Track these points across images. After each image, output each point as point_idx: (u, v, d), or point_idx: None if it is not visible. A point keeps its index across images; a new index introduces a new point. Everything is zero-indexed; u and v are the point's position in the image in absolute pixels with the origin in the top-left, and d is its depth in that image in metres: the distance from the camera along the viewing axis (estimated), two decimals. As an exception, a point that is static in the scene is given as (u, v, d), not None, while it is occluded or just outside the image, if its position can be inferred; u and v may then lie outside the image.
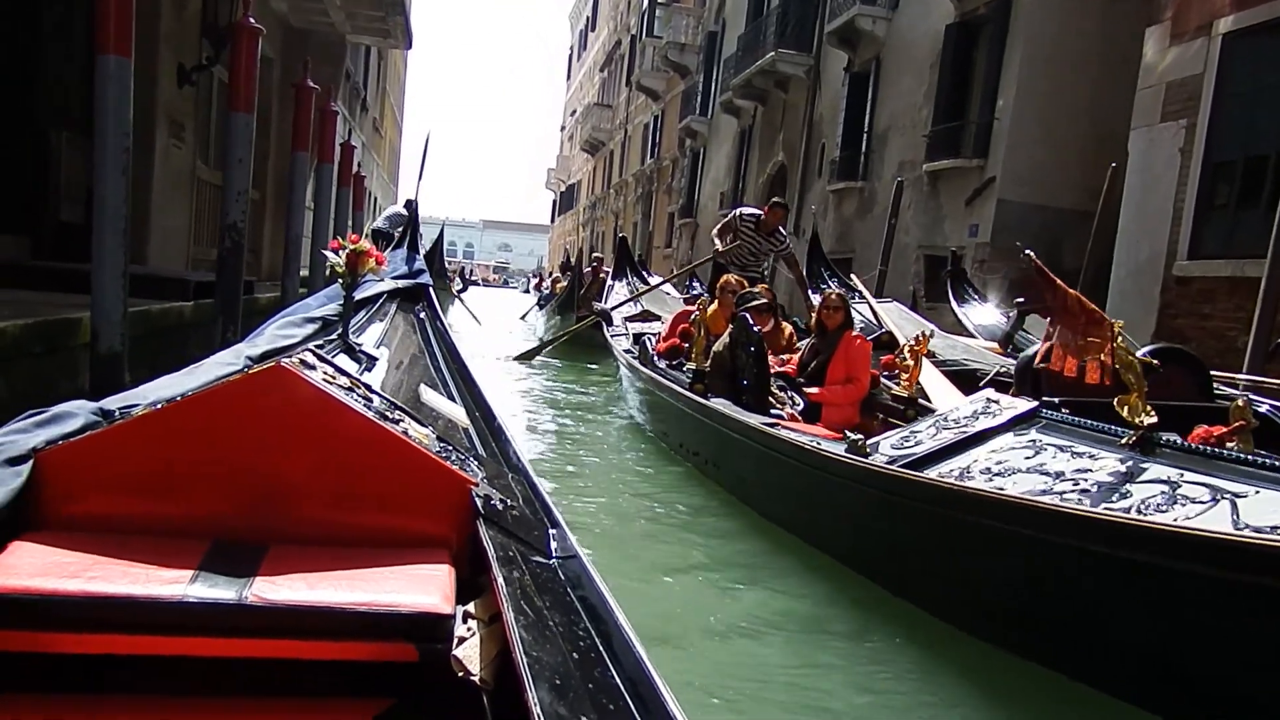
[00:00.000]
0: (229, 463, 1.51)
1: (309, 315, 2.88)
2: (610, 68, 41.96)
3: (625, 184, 35.92)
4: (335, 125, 9.13)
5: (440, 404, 2.38)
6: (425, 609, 1.33)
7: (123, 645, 1.26)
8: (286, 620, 1.29)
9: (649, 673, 1.19)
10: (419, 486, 1.59)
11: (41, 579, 1.25)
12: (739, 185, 21.45)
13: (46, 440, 1.47)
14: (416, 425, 1.76)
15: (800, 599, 3.33)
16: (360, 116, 22.55)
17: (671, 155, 28.66)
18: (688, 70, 26.71)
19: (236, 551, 1.42)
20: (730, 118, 22.25)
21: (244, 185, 5.74)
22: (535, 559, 1.55)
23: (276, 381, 1.53)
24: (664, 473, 5.26)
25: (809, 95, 17.62)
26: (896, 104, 14.12)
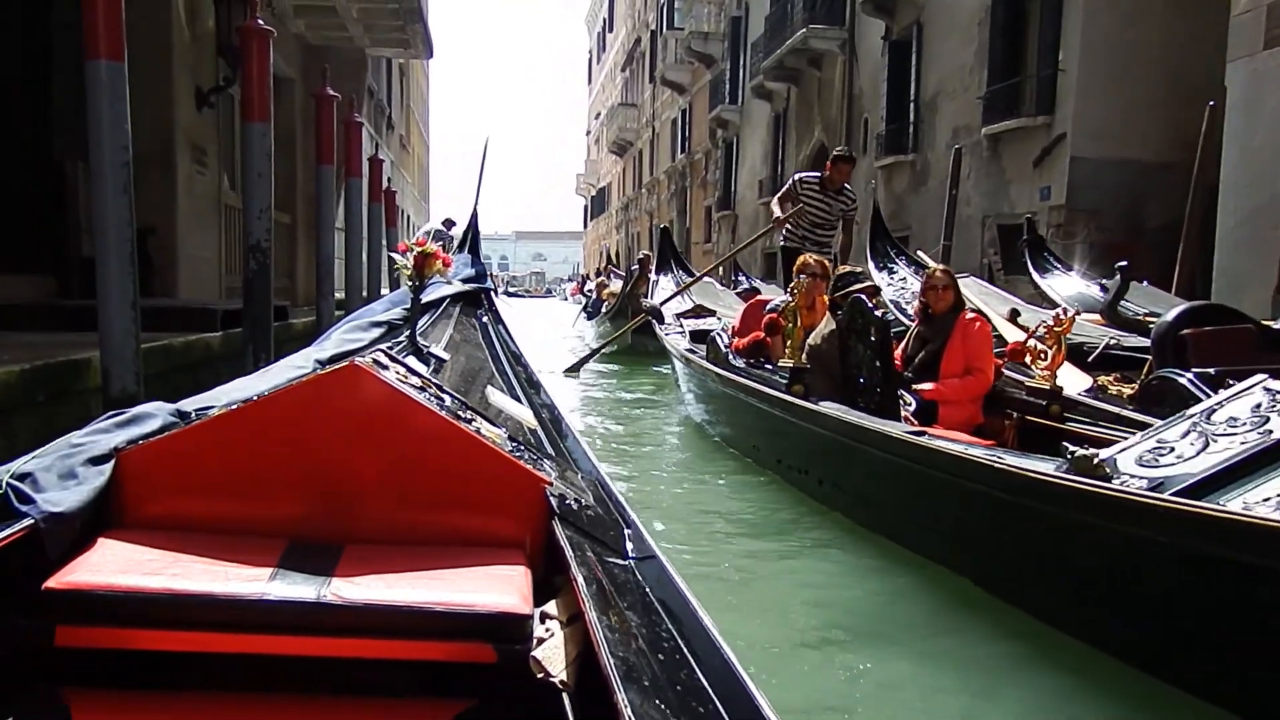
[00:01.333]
0: (304, 462, 1.51)
1: (375, 319, 2.86)
2: (632, 66, 41.44)
3: (657, 182, 35.33)
4: (360, 137, 8.64)
5: (508, 405, 2.34)
6: (504, 609, 1.31)
7: (204, 643, 1.27)
8: (365, 619, 1.28)
9: (739, 675, 1.14)
10: (493, 485, 1.57)
11: (125, 576, 1.27)
12: (777, 171, 20.73)
13: (127, 440, 1.49)
14: (488, 424, 1.74)
15: (1014, 685, 2.45)
16: (387, 134, 22.23)
17: (703, 148, 28.01)
18: (713, 59, 26.04)
19: (313, 550, 1.42)
20: (762, 103, 21.56)
21: (266, 202, 5.23)
22: (612, 559, 1.51)
23: (351, 380, 1.52)
24: (753, 490, 4.52)
25: (845, 70, 16.90)
26: (944, 68, 13.36)
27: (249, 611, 1.26)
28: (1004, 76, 11.73)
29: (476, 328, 3.59)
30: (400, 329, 2.81)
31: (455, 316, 3.53)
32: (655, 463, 5.57)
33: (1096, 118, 10.35)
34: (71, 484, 1.40)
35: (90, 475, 1.42)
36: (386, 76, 22.39)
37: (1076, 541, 2.58)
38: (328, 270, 7.16)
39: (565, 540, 1.46)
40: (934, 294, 4.28)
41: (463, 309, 3.70)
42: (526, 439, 2.03)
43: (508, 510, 1.57)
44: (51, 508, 1.33)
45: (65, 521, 1.34)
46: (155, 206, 7.84)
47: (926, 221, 13.30)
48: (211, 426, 1.52)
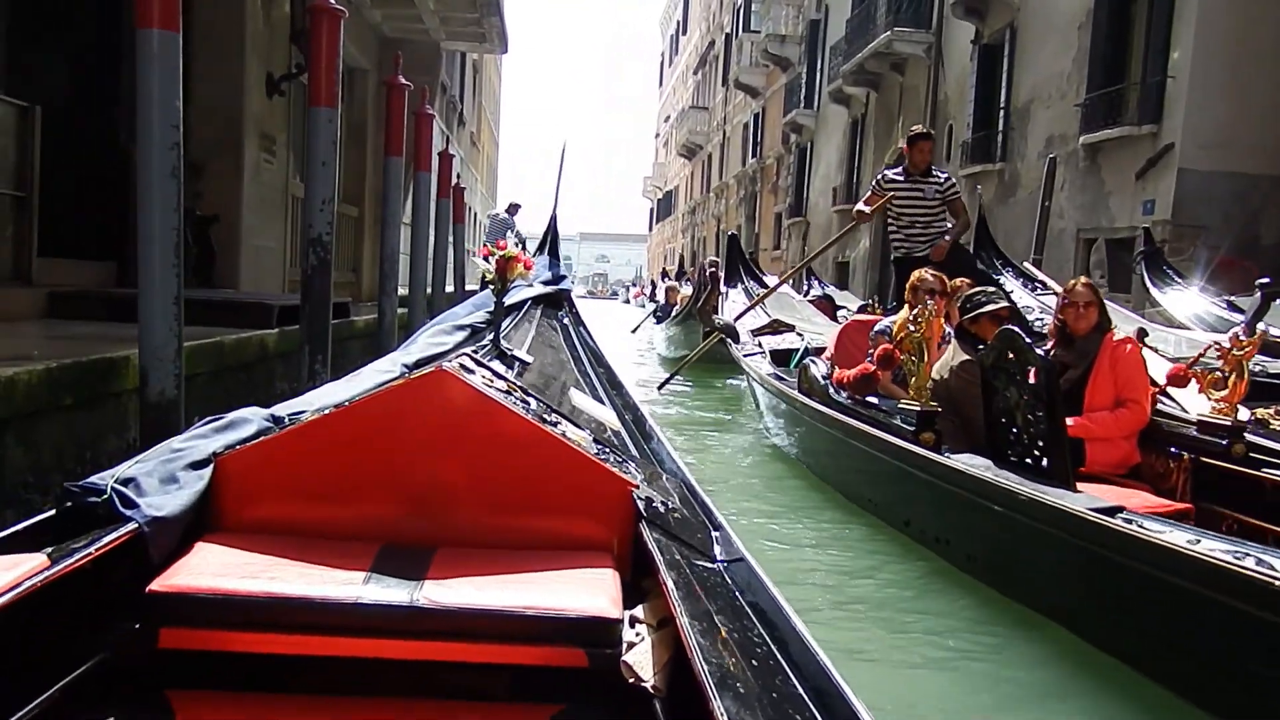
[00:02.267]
0: (394, 466, 1.53)
1: (459, 323, 2.88)
2: (704, 69, 41.02)
3: (726, 186, 34.83)
4: (431, 130, 8.37)
5: (591, 407, 2.32)
6: (595, 613, 1.31)
7: (301, 645, 1.28)
8: (456, 623, 1.28)
9: (837, 683, 1.10)
10: (580, 488, 1.57)
11: (225, 579, 1.29)
12: (853, 178, 20.13)
13: (224, 445, 1.53)
14: (573, 427, 1.73)
15: None
16: (458, 130, 22.14)
17: (775, 153, 27.45)
18: (789, 63, 25.49)
19: (405, 554, 1.44)
20: (840, 108, 20.95)
21: (329, 193, 4.93)
22: (700, 562, 1.49)
23: (438, 385, 1.55)
24: (869, 543, 3.94)
25: (930, 75, 16.25)
26: (1038, 74, 12.68)
27: (344, 615, 1.28)
28: (1106, 83, 11.04)
29: (557, 329, 3.56)
30: (484, 332, 2.83)
31: (537, 319, 3.52)
32: (747, 498, 4.99)
33: (1208, 127, 9.63)
34: (173, 488, 1.43)
35: (190, 480, 1.45)
36: (460, 72, 22.31)
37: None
38: (392, 266, 6.87)
39: (653, 543, 1.45)
40: (1074, 312, 3.65)
41: (544, 311, 3.69)
42: (610, 441, 1.98)
43: (594, 513, 1.57)
44: (154, 511, 1.36)
45: (168, 525, 1.37)
46: (220, 194, 7.68)
47: (1013, 234, 12.61)
48: (304, 431, 1.54)
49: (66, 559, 1.21)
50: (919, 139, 6.24)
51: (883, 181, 6.34)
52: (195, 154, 7.77)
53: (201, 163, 7.73)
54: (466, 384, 1.55)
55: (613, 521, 1.57)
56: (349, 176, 12.20)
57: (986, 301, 3.85)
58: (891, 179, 6.27)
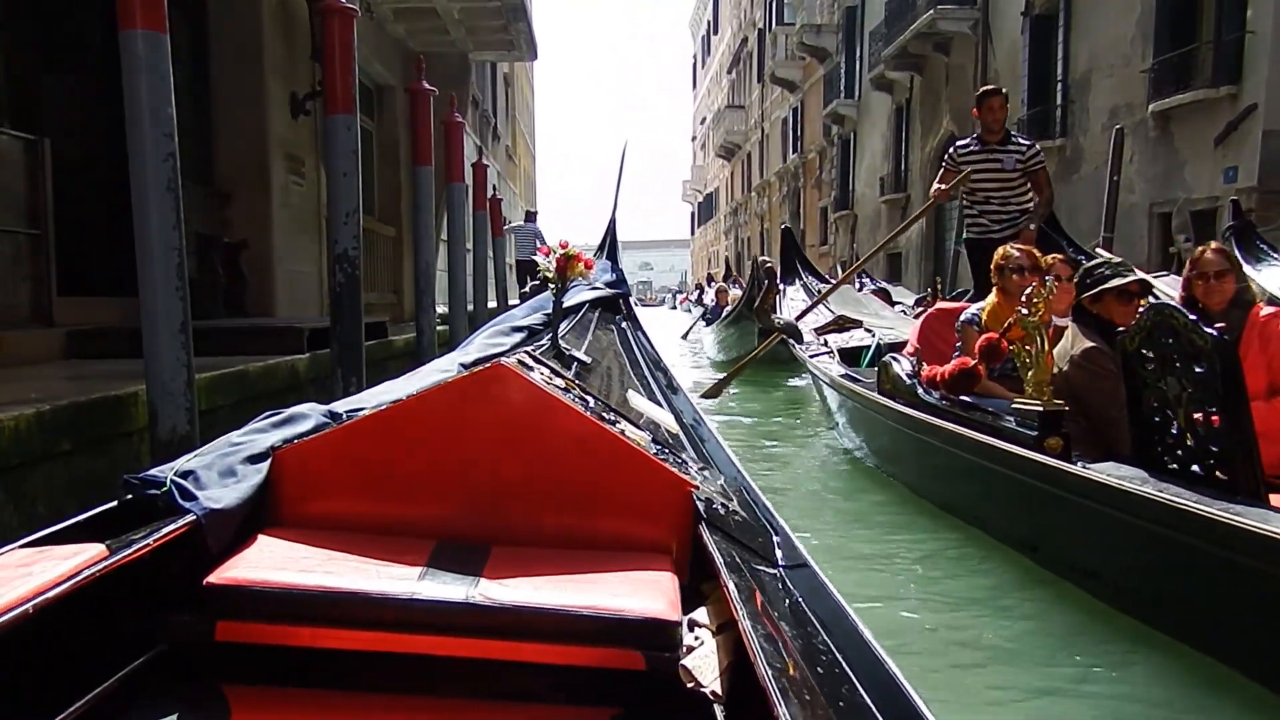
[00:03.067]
0: (451, 462, 1.51)
1: (516, 324, 2.87)
2: (738, 68, 40.52)
3: (768, 184, 34.25)
4: (461, 137, 8.01)
5: (649, 408, 2.29)
6: (654, 615, 1.27)
7: (356, 641, 1.26)
8: (512, 621, 1.26)
9: (908, 694, 1.04)
10: (639, 488, 1.54)
11: (282, 573, 1.28)
12: (901, 165, 19.50)
13: (283, 439, 1.53)
14: (632, 427, 1.72)
15: None
16: (493, 145, 21.90)
17: (817, 146, 26.84)
18: (826, 53, 24.87)
19: (461, 551, 1.42)
20: (882, 94, 20.32)
21: (352, 205, 4.57)
22: (761, 567, 1.45)
23: (497, 380, 1.53)
24: (989, 566, 3.38)
25: (978, 52, 15.59)
26: (1098, 41, 12.00)
27: (401, 611, 1.26)
28: (1175, 45, 10.35)
29: (615, 332, 3.53)
30: (542, 333, 2.81)
31: (595, 321, 3.51)
32: (825, 511, 4.45)
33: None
34: (231, 481, 1.42)
35: (249, 473, 1.45)
36: (491, 86, 22.09)
37: None
38: (427, 281, 6.51)
39: (713, 546, 1.42)
40: (1204, 285, 3.07)
41: (601, 314, 3.67)
42: (669, 442, 1.95)
43: (653, 514, 1.54)
44: (213, 504, 1.35)
45: (226, 518, 1.37)
46: (249, 220, 7.39)
47: (1077, 213, 11.94)
48: (362, 427, 1.53)
49: (125, 549, 1.20)
50: (989, 95, 5.42)
51: (955, 154, 5.57)
52: (221, 181, 7.52)
53: (228, 189, 7.46)
54: (525, 379, 1.53)
55: (672, 523, 1.54)
56: (384, 195, 11.93)
57: (1112, 274, 3.25)
58: (965, 150, 5.51)
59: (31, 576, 1.08)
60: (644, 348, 3.47)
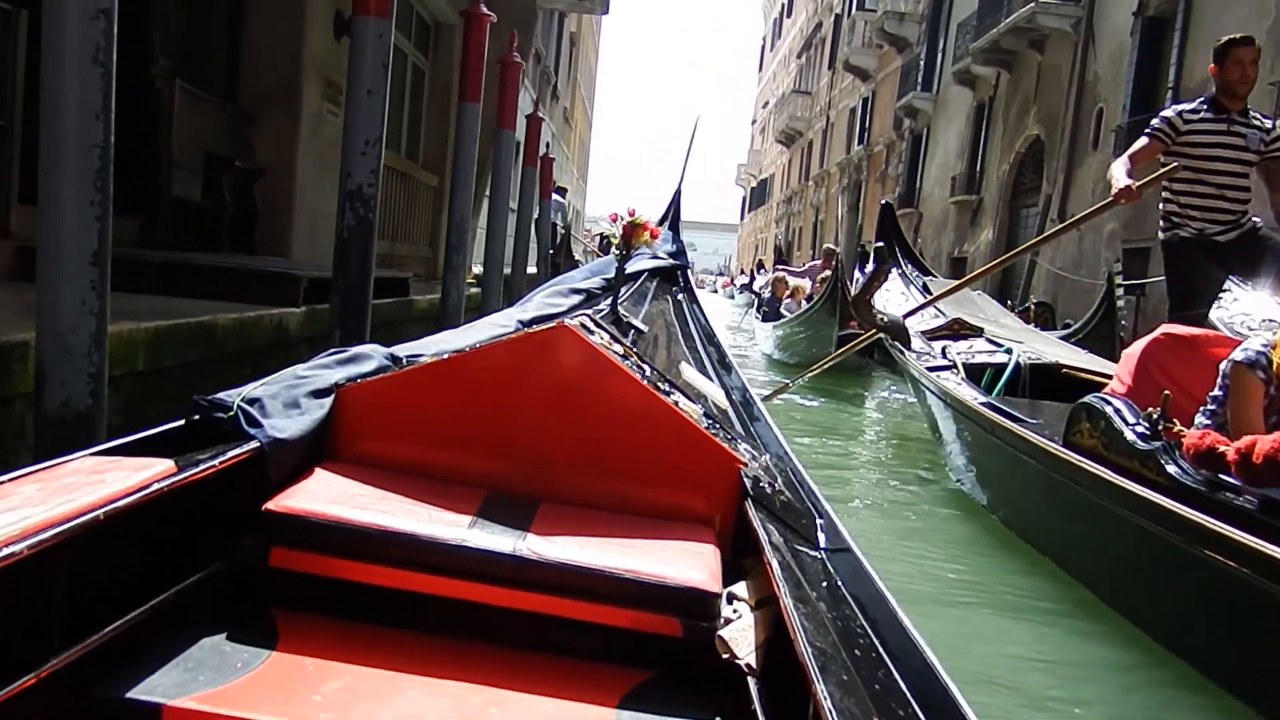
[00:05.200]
0: (507, 416, 1.54)
1: (575, 286, 2.89)
2: (809, 52, 39.25)
3: (827, 174, 33.08)
4: (517, 80, 7.21)
5: (701, 383, 2.30)
6: (694, 584, 1.31)
7: (405, 580, 1.30)
8: (556, 578, 1.29)
9: (943, 680, 1.04)
10: (689, 460, 1.57)
11: (337, 507, 1.32)
12: (976, 167, 18.38)
13: (346, 378, 1.57)
14: (686, 399, 1.73)
15: None
16: (551, 104, 21.06)
17: (885, 139, 25.68)
18: (907, 43, 23.68)
19: (510, 504, 1.46)
20: (964, 89, 19.18)
21: (375, 131, 3.79)
22: (803, 548, 1.47)
23: (559, 340, 1.55)
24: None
25: (1077, 52, 14.46)
26: (1221, 48, 10.90)
27: (449, 556, 1.29)
28: (1314, 57, 9.26)
29: (671, 304, 3.54)
30: (599, 298, 2.83)
31: (653, 290, 3.51)
32: (959, 609, 3.15)
33: None
34: (295, 413, 1.45)
35: (312, 407, 1.48)
36: (556, 43, 21.25)
37: None
38: (460, 236, 5.71)
39: (758, 522, 1.44)
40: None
41: (659, 284, 3.65)
42: (719, 417, 1.94)
43: (701, 486, 1.57)
44: (277, 434, 1.39)
45: (287, 448, 1.40)
46: (273, 146, 6.64)
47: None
48: (424, 373, 1.56)
49: (192, 469, 1.23)
50: (1236, 45, 4.02)
51: (1178, 122, 4.07)
52: (248, 100, 6.78)
53: (254, 110, 6.72)
54: (587, 342, 1.55)
55: (718, 497, 1.56)
56: (431, 141, 11.14)
57: None
58: (1194, 118, 4.07)
59: (104, 485, 1.10)
60: (699, 321, 3.45)
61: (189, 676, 1.13)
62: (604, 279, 2.95)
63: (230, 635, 1.22)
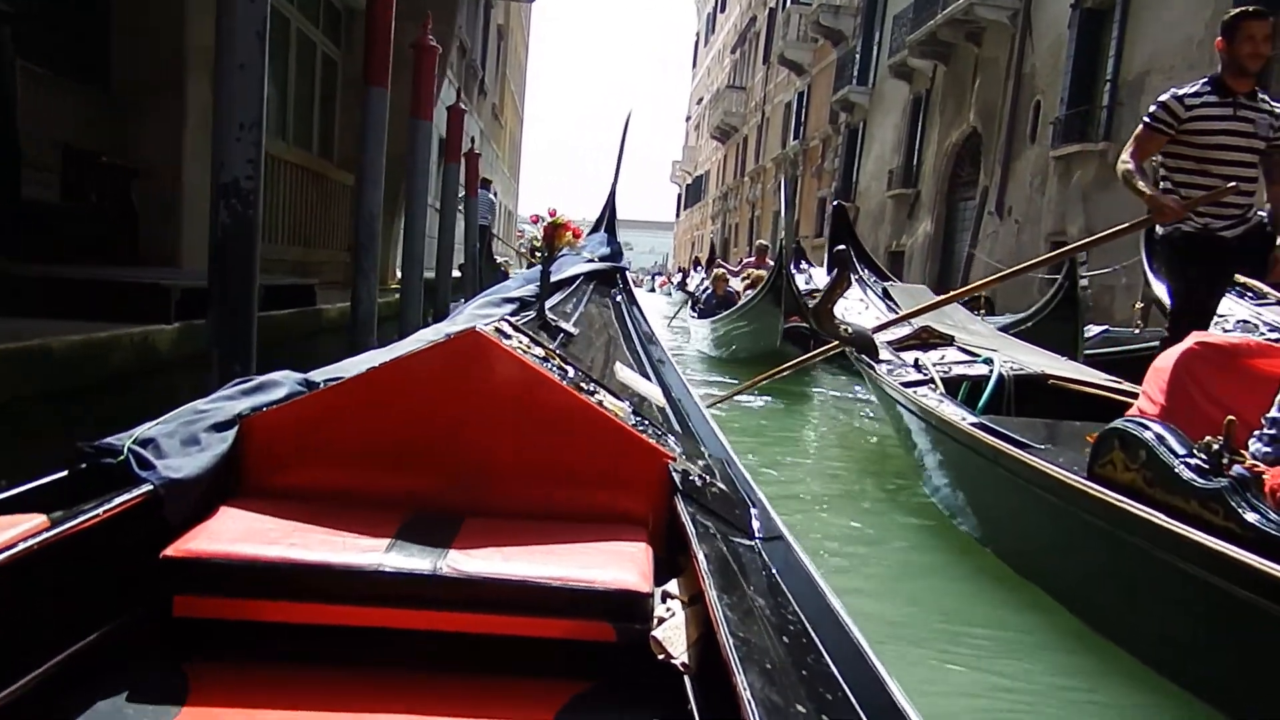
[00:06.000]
0: (425, 431, 1.49)
1: (508, 295, 2.89)
2: (743, 48, 39.08)
3: (763, 170, 32.91)
4: (434, 66, 6.60)
5: (635, 381, 2.30)
6: (624, 586, 1.26)
7: (320, 615, 1.24)
8: (480, 593, 1.25)
9: (871, 662, 1.07)
10: (615, 459, 1.53)
11: (243, 545, 1.25)
12: (913, 160, 18.26)
13: (251, 407, 1.48)
14: (611, 398, 1.71)
15: None
16: (479, 100, 20.36)
17: (821, 134, 25.54)
18: (842, 36, 23.55)
19: (432, 522, 1.40)
20: (900, 83, 19.05)
21: (253, 115, 3.21)
22: (737, 539, 1.45)
23: (472, 347, 1.50)
24: None
25: (1015, 45, 14.33)
26: (1159, 41, 10.79)
27: (366, 583, 1.23)
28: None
29: (609, 306, 3.44)
30: (532, 304, 2.81)
31: (588, 294, 3.44)
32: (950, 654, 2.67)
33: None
34: (194, 450, 1.36)
35: (213, 442, 1.39)
36: (483, 36, 20.55)
37: None
38: (370, 237, 5.12)
39: (687, 517, 1.41)
40: None
41: (596, 287, 3.57)
42: (653, 415, 1.94)
43: (629, 485, 1.53)
44: (173, 474, 1.30)
45: (186, 488, 1.32)
46: (154, 142, 5.92)
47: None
48: (333, 394, 1.50)
49: (75, 519, 1.15)
50: (1248, 18, 3.54)
51: (1178, 108, 3.67)
52: (123, 88, 6.07)
53: (130, 100, 6.00)
54: (501, 347, 1.51)
55: (648, 494, 1.52)
56: (346, 138, 10.41)
57: None
58: (1197, 103, 3.66)
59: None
60: (637, 322, 3.39)
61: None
62: (536, 285, 2.88)
63: (132, 696, 1.14)
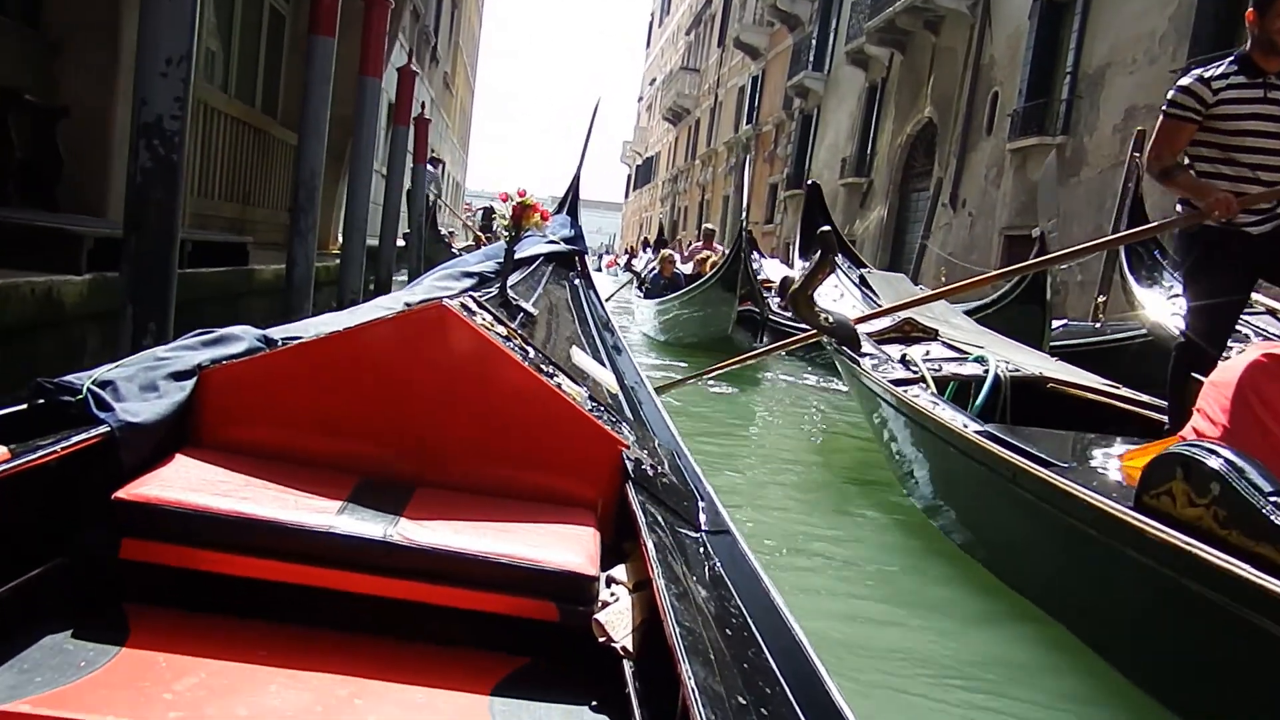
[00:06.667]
0: (382, 399, 1.50)
1: (468, 270, 2.88)
2: (699, 29, 38.75)
3: (715, 153, 32.72)
4: (385, 20, 6.24)
5: (591, 367, 2.32)
6: (570, 568, 1.28)
7: (267, 570, 1.25)
8: (428, 563, 1.26)
9: (809, 657, 1.09)
10: (570, 442, 1.55)
11: (195, 494, 1.26)
12: (866, 149, 18.20)
13: (211, 359, 1.49)
14: (569, 382, 1.72)
15: None
16: (430, 67, 19.80)
17: (775, 119, 25.41)
18: (799, 21, 23.39)
19: (384, 489, 1.41)
20: (855, 70, 18.95)
21: (182, 47, 2.91)
22: (684, 530, 1.47)
23: (437, 320, 1.51)
24: None
25: (974, 35, 14.28)
26: (1121, 34, 10.78)
27: (315, 544, 1.24)
28: (1217, 44, 9.14)
29: (567, 289, 3.47)
30: (492, 281, 2.81)
31: (547, 275, 3.46)
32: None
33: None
34: (152, 396, 1.36)
35: (172, 390, 1.39)
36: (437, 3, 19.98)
37: None
38: (310, 196, 4.77)
39: (637, 505, 1.43)
40: None
41: (555, 269, 3.59)
42: (606, 401, 1.94)
43: (582, 470, 1.55)
44: (130, 417, 1.30)
45: (142, 433, 1.31)
46: (82, 81, 5.48)
47: (1072, 219, 10.80)
48: (295, 354, 1.50)
49: (30, 454, 1.15)
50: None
51: (1203, 91, 3.22)
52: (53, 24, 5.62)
53: (58, 37, 5.55)
54: (466, 322, 1.51)
55: (599, 480, 1.54)
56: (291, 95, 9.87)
57: None
58: (1223, 85, 3.21)
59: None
60: (594, 306, 3.41)
61: (23, 678, 1.05)
62: (497, 262, 2.88)
63: (75, 633, 1.15)
